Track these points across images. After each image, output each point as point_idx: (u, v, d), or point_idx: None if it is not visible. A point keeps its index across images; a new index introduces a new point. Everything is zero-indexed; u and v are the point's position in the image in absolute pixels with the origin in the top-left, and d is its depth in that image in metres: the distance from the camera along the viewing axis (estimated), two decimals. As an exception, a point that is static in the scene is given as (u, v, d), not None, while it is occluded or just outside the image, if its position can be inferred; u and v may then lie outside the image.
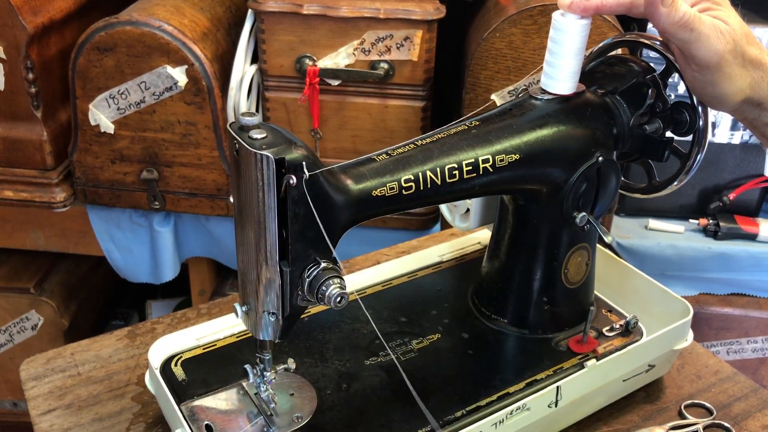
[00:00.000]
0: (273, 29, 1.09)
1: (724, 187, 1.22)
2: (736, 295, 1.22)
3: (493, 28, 1.03)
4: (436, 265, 0.84)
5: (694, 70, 0.61)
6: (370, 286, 0.79)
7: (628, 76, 0.67)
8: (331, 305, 0.53)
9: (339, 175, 0.54)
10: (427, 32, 1.07)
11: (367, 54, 1.09)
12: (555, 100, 0.64)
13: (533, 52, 1.04)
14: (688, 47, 0.59)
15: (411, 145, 0.59)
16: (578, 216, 0.66)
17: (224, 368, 0.67)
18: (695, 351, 0.81)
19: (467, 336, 0.72)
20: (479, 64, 1.06)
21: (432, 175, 0.58)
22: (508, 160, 0.61)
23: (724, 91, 0.61)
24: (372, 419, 0.62)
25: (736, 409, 0.74)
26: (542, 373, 0.68)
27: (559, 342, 0.72)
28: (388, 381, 0.66)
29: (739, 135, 1.17)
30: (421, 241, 0.99)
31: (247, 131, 0.50)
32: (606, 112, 0.66)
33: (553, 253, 0.69)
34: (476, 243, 0.88)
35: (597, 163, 0.65)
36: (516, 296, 0.72)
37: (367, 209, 0.56)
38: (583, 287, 0.73)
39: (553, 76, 0.63)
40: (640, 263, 1.18)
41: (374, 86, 1.11)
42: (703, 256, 1.18)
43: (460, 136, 0.60)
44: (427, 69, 1.10)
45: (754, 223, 1.21)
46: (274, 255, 0.52)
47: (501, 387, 0.66)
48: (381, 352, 0.69)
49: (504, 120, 0.62)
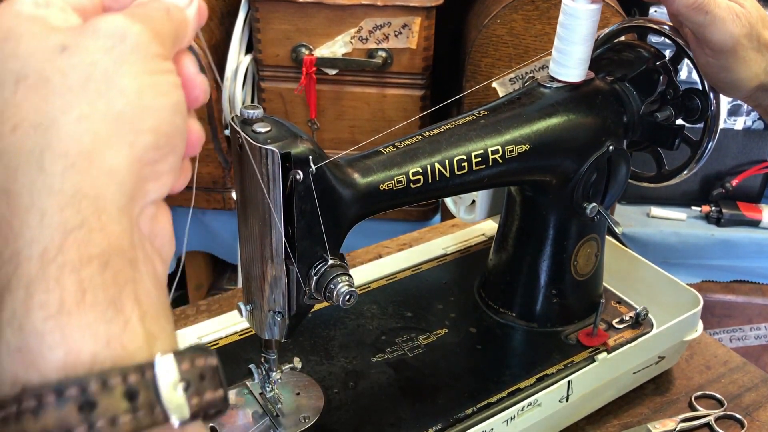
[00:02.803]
0: (268, 18, 1.06)
1: (727, 173, 1.21)
2: (739, 282, 1.21)
3: (494, 14, 1.01)
4: (440, 258, 0.82)
5: (708, 55, 0.60)
6: (374, 281, 0.77)
7: (637, 62, 0.66)
8: (340, 303, 0.51)
9: (345, 169, 0.53)
10: (425, 19, 1.05)
11: (364, 42, 1.06)
12: (564, 88, 0.62)
13: (535, 38, 1.02)
14: (702, 31, 0.58)
15: (418, 136, 0.57)
16: (588, 207, 0.65)
17: (227, 368, 0.65)
18: (704, 341, 0.80)
19: (475, 330, 0.71)
20: (480, 52, 1.04)
21: (440, 168, 0.56)
22: (518, 150, 0.59)
23: (738, 77, 0.59)
24: (381, 418, 0.61)
25: (747, 400, 0.73)
26: (553, 368, 0.66)
27: (569, 335, 0.70)
28: (396, 378, 0.65)
29: (742, 121, 1.15)
30: (422, 233, 0.97)
31: (250, 125, 0.48)
32: (616, 99, 0.64)
33: (562, 245, 0.68)
34: (480, 234, 0.86)
35: (607, 152, 0.63)
36: (524, 289, 0.71)
37: (374, 203, 0.54)
38: (592, 279, 0.72)
39: (563, 63, 0.61)
40: (642, 251, 1.17)
41: (372, 75, 1.09)
42: (705, 243, 1.17)
43: (468, 127, 0.58)
44: (425, 57, 1.08)
45: (756, 210, 1.20)
46: (280, 252, 0.51)
47: (511, 383, 0.64)
48: (388, 348, 0.68)
49: (513, 109, 0.61)
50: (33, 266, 0.29)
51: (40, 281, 0.28)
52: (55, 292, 0.28)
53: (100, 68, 0.30)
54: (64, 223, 0.29)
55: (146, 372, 0.29)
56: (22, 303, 0.28)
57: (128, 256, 0.31)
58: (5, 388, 0.28)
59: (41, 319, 0.28)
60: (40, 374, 0.28)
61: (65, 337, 0.28)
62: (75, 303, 0.28)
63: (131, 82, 0.31)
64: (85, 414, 0.27)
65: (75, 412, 0.27)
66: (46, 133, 0.29)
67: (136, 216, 0.32)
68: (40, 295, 0.28)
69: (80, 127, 0.30)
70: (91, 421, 0.27)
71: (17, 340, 0.28)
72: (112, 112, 0.30)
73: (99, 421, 0.27)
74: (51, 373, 0.28)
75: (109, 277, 0.29)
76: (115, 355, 0.29)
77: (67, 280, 0.28)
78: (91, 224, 0.29)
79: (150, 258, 0.33)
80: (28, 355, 0.28)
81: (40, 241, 0.29)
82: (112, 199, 0.30)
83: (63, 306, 0.28)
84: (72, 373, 0.28)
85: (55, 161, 0.29)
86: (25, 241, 0.29)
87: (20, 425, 0.27)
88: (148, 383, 0.29)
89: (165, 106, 0.32)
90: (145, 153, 0.31)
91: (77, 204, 0.29)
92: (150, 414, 0.29)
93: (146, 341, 0.30)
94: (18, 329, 0.28)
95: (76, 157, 0.29)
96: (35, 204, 0.29)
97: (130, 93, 0.31)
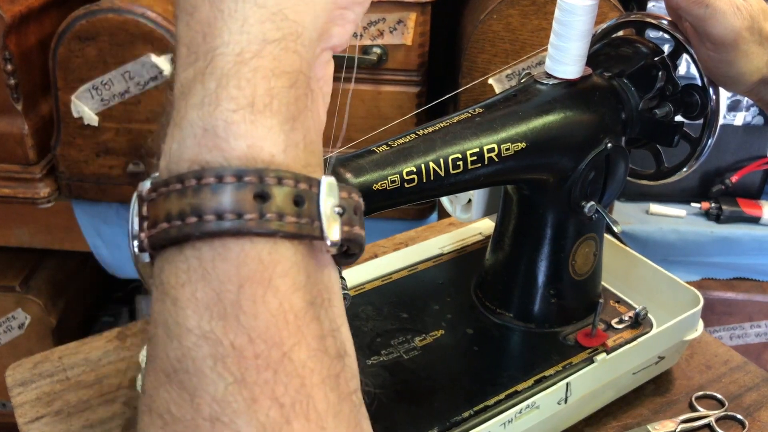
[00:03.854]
0: (261, 14, 1.05)
1: (726, 169, 1.20)
2: (739, 280, 1.20)
3: (490, 9, 0.99)
4: (437, 258, 0.81)
5: (709, 49, 0.58)
6: (369, 281, 0.76)
7: (635, 58, 0.64)
8: (333, 307, 0.50)
9: (337, 169, 0.51)
10: (420, 15, 1.03)
11: (358, 38, 1.05)
12: (561, 84, 0.61)
13: (531, 34, 1.00)
14: (702, 24, 0.56)
15: (412, 135, 0.55)
16: (587, 205, 0.63)
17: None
18: (704, 340, 0.79)
19: (472, 331, 0.70)
20: (476, 48, 1.03)
21: (435, 167, 0.55)
22: (514, 148, 0.58)
23: (740, 71, 0.58)
24: (376, 422, 0.59)
25: (748, 400, 0.72)
26: (551, 369, 0.65)
27: (567, 336, 0.69)
28: (391, 381, 0.64)
29: (741, 116, 1.14)
30: (418, 232, 0.96)
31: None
32: (614, 96, 0.63)
33: (560, 244, 0.67)
34: (477, 234, 0.85)
35: (606, 150, 0.62)
36: (521, 289, 0.70)
37: (367, 204, 0.52)
38: (590, 278, 0.71)
39: (559, 60, 0.60)
40: (641, 249, 1.16)
41: (367, 72, 1.08)
42: (705, 240, 1.16)
43: (463, 125, 0.57)
44: (421, 53, 1.07)
45: (756, 206, 1.19)
46: (270, 255, 0.49)
47: (509, 385, 0.63)
48: (383, 350, 0.67)
49: (509, 106, 0.59)
50: (228, 62, 0.29)
51: (234, 77, 0.29)
52: (247, 89, 0.29)
53: None
54: (264, 34, 0.30)
55: (313, 186, 0.30)
56: (213, 92, 0.29)
57: (310, 86, 0.32)
58: (183, 165, 0.29)
59: (230, 110, 0.29)
60: (223, 157, 0.29)
61: (251, 131, 0.29)
62: (263, 104, 0.29)
63: None
64: (259, 203, 0.28)
65: (250, 198, 0.28)
66: None
67: (317, 54, 0.33)
68: (231, 89, 0.29)
69: None
70: (262, 212, 0.28)
71: (204, 121, 0.29)
72: None
73: (269, 213, 0.28)
74: (233, 159, 0.29)
75: (293, 96, 0.30)
76: (288, 163, 0.30)
77: (259, 83, 0.29)
78: (288, 43, 0.31)
79: (317, 99, 0.33)
80: (213, 138, 0.29)
81: (238, 42, 0.30)
82: (307, 28, 0.31)
83: (253, 103, 0.29)
84: (252, 165, 0.29)
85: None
86: (223, 40, 0.30)
87: (198, 199, 0.28)
88: (312, 196, 0.30)
89: None
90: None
91: (278, 21, 0.30)
92: (310, 224, 0.30)
93: (305, 167, 0.31)
94: (207, 113, 0.29)
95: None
96: (239, 11, 0.30)
97: None
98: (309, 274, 0.30)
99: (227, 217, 0.28)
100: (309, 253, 0.30)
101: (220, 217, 0.28)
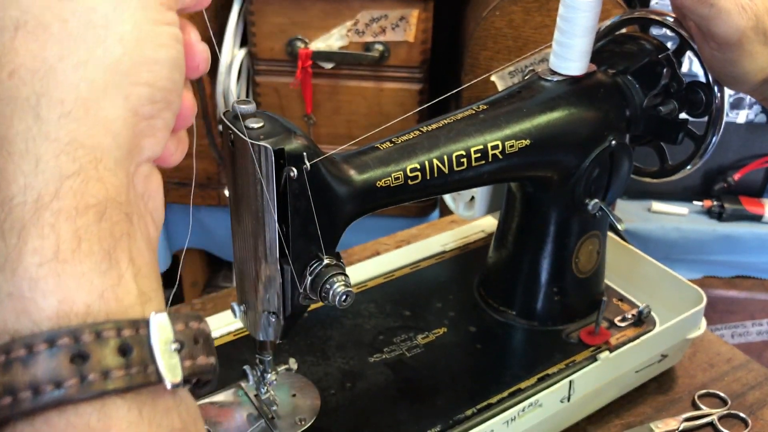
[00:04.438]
0: (263, 10, 1.04)
1: (729, 167, 1.20)
2: (741, 278, 1.20)
3: (493, 6, 0.99)
4: (439, 255, 0.81)
5: (713, 48, 0.58)
6: (371, 279, 0.76)
7: (639, 55, 0.64)
8: (336, 304, 0.50)
9: (341, 166, 0.51)
10: (423, 11, 1.03)
11: (361, 35, 1.05)
12: (566, 81, 0.61)
13: (534, 30, 1.00)
14: (707, 23, 0.56)
15: (416, 131, 0.55)
16: (590, 203, 0.63)
17: (222, 368, 0.63)
18: (706, 338, 0.79)
19: (474, 329, 0.70)
20: (478, 45, 1.03)
21: (439, 164, 0.54)
22: (518, 145, 0.57)
23: (744, 70, 0.58)
24: (378, 420, 0.60)
25: (750, 398, 0.72)
26: (554, 367, 0.65)
27: (570, 334, 0.69)
28: (394, 379, 0.63)
29: (744, 114, 1.14)
30: (420, 230, 0.96)
31: (242, 120, 0.47)
32: (618, 93, 0.63)
33: (564, 242, 0.66)
34: (479, 231, 0.85)
35: (610, 147, 0.62)
36: (525, 287, 0.69)
37: (371, 201, 0.53)
38: (594, 276, 0.70)
39: (563, 56, 0.60)
40: (643, 247, 1.15)
41: (369, 69, 1.07)
42: (707, 238, 1.16)
43: (467, 122, 0.57)
44: (423, 50, 1.06)
45: (759, 204, 1.19)
46: (273, 252, 0.49)
47: (512, 383, 0.63)
48: (386, 348, 0.66)
49: (513, 103, 0.59)
50: (27, 211, 0.27)
51: (35, 226, 0.27)
52: (50, 238, 0.27)
53: (100, 13, 0.29)
54: (60, 170, 0.28)
55: (140, 328, 0.28)
56: (15, 248, 0.27)
57: (124, 210, 0.29)
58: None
59: (35, 264, 0.27)
60: (31, 322, 0.26)
61: (59, 284, 0.27)
62: (70, 251, 0.27)
63: (131, 30, 0.30)
64: (77, 366, 0.26)
65: (67, 362, 0.26)
66: (43, 79, 0.28)
67: (131, 172, 0.30)
68: (34, 240, 0.27)
69: (77, 75, 0.29)
70: (83, 374, 0.26)
71: (9, 285, 0.27)
72: (109, 60, 0.29)
73: (91, 374, 0.26)
74: (43, 321, 0.26)
75: (106, 229, 0.28)
76: (109, 308, 0.27)
77: (63, 226, 0.27)
78: (88, 173, 0.28)
79: (144, 218, 0.31)
80: (19, 302, 0.26)
81: (34, 187, 0.27)
82: (108, 150, 0.29)
83: (58, 253, 0.27)
84: (65, 324, 0.26)
85: (52, 108, 0.28)
86: (19, 186, 0.27)
87: (9, 376, 0.26)
88: (142, 340, 0.27)
89: (163, 59, 0.31)
90: (140, 106, 0.30)
91: (73, 152, 0.28)
92: (143, 372, 0.27)
93: (139, 299, 0.28)
94: (10, 274, 0.27)
95: (72, 105, 0.28)
96: (30, 150, 0.28)
97: (129, 41, 0.30)
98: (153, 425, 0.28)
99: (45, 389, 0.25)
100: (152, 401, 0.28)
101: (37, 391, 0.25)
